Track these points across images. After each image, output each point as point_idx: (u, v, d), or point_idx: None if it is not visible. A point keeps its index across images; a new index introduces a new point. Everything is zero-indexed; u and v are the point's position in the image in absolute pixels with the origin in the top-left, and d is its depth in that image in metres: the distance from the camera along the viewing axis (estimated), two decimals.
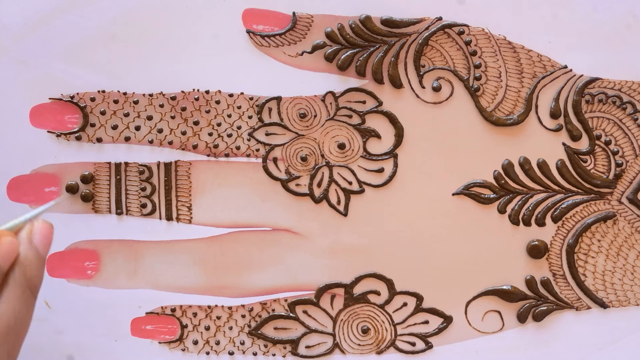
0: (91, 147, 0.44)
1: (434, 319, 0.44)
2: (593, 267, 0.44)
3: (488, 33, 0.43)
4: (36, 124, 0.43)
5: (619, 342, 0.44)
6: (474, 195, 0.43)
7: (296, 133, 0.44)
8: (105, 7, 0.43)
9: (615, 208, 0.44)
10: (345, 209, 0.44)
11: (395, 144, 0.44)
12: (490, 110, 0.43)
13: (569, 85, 0.43)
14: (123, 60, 0.43)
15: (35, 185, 0.43)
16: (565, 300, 0.44)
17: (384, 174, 0.44)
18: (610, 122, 0.44)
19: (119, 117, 0.44)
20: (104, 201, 0.44)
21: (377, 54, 0.43)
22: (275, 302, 0.44)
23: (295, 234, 0.44)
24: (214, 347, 0.44)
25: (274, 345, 0.44)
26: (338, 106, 0.43)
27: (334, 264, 0.44)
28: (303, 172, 0.44)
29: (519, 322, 0.44)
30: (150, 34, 0.43)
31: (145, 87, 0.43)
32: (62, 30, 0.43)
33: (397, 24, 0.43)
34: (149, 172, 0.44)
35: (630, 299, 0.44)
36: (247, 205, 0.44)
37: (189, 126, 0.44)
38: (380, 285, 0.44)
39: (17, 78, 0.43)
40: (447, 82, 0.43)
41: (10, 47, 0.43)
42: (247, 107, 0.44)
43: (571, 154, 0.43)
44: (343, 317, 0.44)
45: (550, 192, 0.44)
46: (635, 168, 0.44)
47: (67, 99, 0.43)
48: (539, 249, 0.43)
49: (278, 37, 0.43)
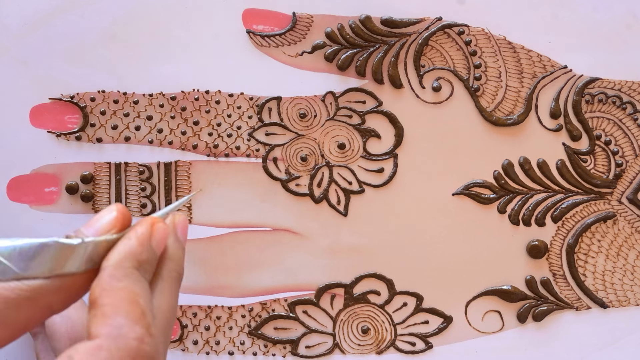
0: (91, 147, 0.44)
1: (434, 319, 0.44)
2: (593, 267, 0.44)
3: (488, 33, 0.43)
4: (36, 124, 0.43)
5: (619, 342, 0.44)
6: (474, 195, 0.43)
7: (296, 133, 0.44)
8: (105, 7, 0.43)
9: (615, 208, 0.44)
10: (345, 209, 0.44)
11: (395, 144, 0.44)
12: (490, 110, 0.43)
13: (569, 85, 0.43)
14: (123, 60, 0.43)
15: (35, 185, 0.43)
16: (565, 300, 0.44)
17: (384, 174, 0.44)
18: (610, 122, 0.44)
19: (119, 117, 0.44)
20: (104, 201, 0.44)
21: (377, 54, 0.43)
22: (275, 302, 0.44)
23: (295, 234, 0.44)
24: (214, 347, 0.44)
25: (274, 345, 0.44)
26: (338, 106, 0.43)
27: (334, 264, 0.44)
28: (303, 172, 0.44)
29: (519, 322, 0.44)
30: (150, 34, 0.43)
31: (145, 87, 0.43)
32: (62, 30, 0.43)
33: (397, 24, 0.43)
34: (149, 172, 0.44)
35: (630, 299, 0.44)
36: (247, 205, 0.44)
37: (189, 126, 0.44)
38: (380, 285, 0.44)
39: (17, 78, 0.43)
40: (447, 82, 0.43)
41: (10, 47, 0.43)
42: (247, 107, 0.44)
43: (571, 154, 0.43)
44: (343, 317, 0.44)
45: (550, 192, 0.44)
46: (635, 168, 0.44)
47: (67, 99, 0.43)
48: (539, 249, 0.43)
49: (278, 37, 0.43)
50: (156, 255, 0.33)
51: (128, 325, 0.29)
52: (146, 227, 0.32)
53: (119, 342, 0.28)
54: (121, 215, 0.32)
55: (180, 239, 0.34)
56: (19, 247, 0.29)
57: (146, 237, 0.32)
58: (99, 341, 0.28)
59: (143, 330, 0.29)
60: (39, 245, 0.30)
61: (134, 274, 0.31)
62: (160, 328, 0.31)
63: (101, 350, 0.28)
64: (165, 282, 0.33)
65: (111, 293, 0.30)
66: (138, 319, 0.29)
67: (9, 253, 0.29)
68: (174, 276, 0.33)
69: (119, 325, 0.29)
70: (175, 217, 0.35)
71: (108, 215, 0.32)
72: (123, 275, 0.30)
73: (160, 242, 0.33)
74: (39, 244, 0.30)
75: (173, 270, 0.33)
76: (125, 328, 0.29)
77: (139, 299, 0.30)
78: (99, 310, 0.29)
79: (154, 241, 0.32)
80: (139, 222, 0.33)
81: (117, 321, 0.29)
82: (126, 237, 0.32)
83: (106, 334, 0.29)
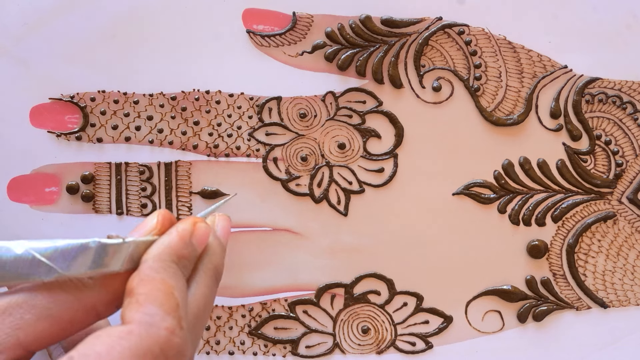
0: (91, 147, 0.44)
1: (434, 319, 0.44)
2: (593, 267, 0.44)
3: (488, 33, 0.43)
4: (36, 124, 0.43)
5: (619, 342, 0.44)
6: (474, 195, 0.44)
7: (296, 133, 0.44)
8: (105, 7, 0.43)
9: (616, 208, 0.44)
10: (346, 209, 0.44)
11: (395, 144, 0.44)
12: (491, 110, 0.43)
13: (569, 85, 0.43)
14: (123, 60, 0.43)
15: (35, 185, 0.43)
16: (565, 300, 0.44)
17: (384, 174, 0.44)
18: (610, 122, 0.44)
19: (119, 117, 0.44)
20: (104, 201, 0.44)
21: (377, 54, 0.43)
22: (276, 302, 0.44)
23: (295, 234, 0.44)
24: (214, 347, 0.44)
25: (274, 345, 0.44)
26: (338, 106, 0.43)
27: (334, 264, 0.44)
28: (303, 172, 0.44)
29: (519, 322, 0.44)
30: (150, 34, 0.43)
31: (145, 87, 0.43)
32: (62, 30, 0.43)
33: (397, 24, 0.43)
34: (149, 172, 0.44)
35: (630, 299, 0.44)
36: (247, 205, 0.44)
37: (189, 126, 0.44)
38: (380, 285, 0.44)
39: (17, 78, 0.43)
40: (447, 82, 0.43)
41: (10, 47, 0.43)
42: (247, 107, 0.44)
43: (571, 154, 0.44)
44: (343, 317, 0.44)
45: (551, 192, 0.44)
46: (635, 168, 0.44)
47: (67, 99, 0.43)
48: (539, 248, 0.43)
49: (278, 37, 0.43)
50: (196, 253, 0.33)
51: (160, 315, 0.29)
52: (189, 224, 0.33)
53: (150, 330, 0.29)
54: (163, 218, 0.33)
55: (219, 236, 0.35)
56: (61, 247, 0.30)
57: (187, 234, 0.33)
58: (130, 326, 0.29)
59: (175, 322, 0.30)
60: (80, 246, 0.30)
61: (172, 267, 0.31)
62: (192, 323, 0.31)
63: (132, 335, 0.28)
64: (203, 279, 0.33)
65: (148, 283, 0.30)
66: (171, 310, 0.30)
67: (51, 254, 0.30)
68: (211, 274, 0.34)
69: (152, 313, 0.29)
70: (216, 218, 0.36)
71: (152, 219, 0.33)
72: (161, 268, 0.31)
73: (201, 240, 0.33)
74: (80, 244, 0.30)
75: (212, 268, 0.34)
76: (157, 317, 0.29)
77: (174, 291, 0.30)
78: (134, 298, 0.30)
79: (194, 238, 0.33)
80: (181, 220, 0.34)
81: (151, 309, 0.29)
82: (167, 233, 0.33)
83: (138, 320, 0.29)
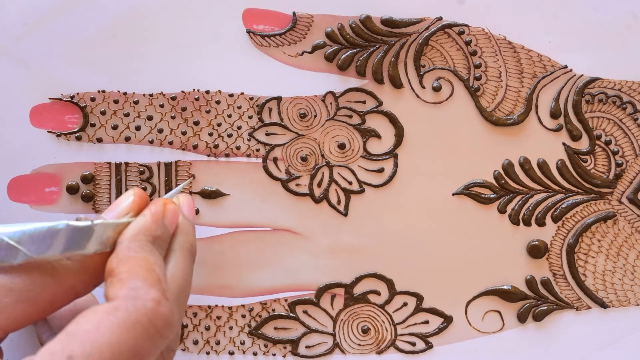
0: (91, 147, 0.44)
1: (434, 319, 0.44)
2: (593, 267, 0.44)
3: (488, 33, 0.43)
4: (36, 124, 0.43)
5: (619, 342, 0.44)
6: (474, 195, 0.44)
7: (296, 133, 0.44)
8: (105, 7, 0.43)
9: (616, 208, 0.44)
10: (346, 209, 0.44)
11: (395, 144, 0.44)
12: (490, 110, 0.43)
13: (569, 85, 0.43)
14: (123, 60, 0.43)
15: (35, 185, 0.43)
16: (565, 300, 0.44)
17: (384, 174, 0.44)
18: (610, 122, 0.44)
19: (119, 117, 0.44)
20: (104, 201, 0.44)
21: (377, 54, 0.43)
22: (276, 302, 0.44)
23: (295, 234, 0.44)
24: (214, 347, 0.44)
25: (274, 345, 0.44)
26: (338, 106, 0.43)
27: (334, 264, 0.44)
28: (303, 172, 0.44)
29: (519, 322, 0.44)
30: (150, 34, 0.43)
31: (145, 87, 0.43)
32: (62, 30, 0.43)
33: (397, 24, 0.43)
34: (149, 172, 0.44)
35: (630, 299, 0.44)
36: (247, 205, 0.44)
37: (189, 126, 0.44)
38: (380, 285, 0.44)
39: (17, 78, 0.43)
40: (447, 82, 0.43)
41: (10, 47, 0.43)
42: (247, 107, 0.44)
43: (571, 154, 0.44)
44: (343, 317, 0.44)
45: (551, 192, 0.44)
46: (635, 168, 0.44)
47: (67, 99, 0.43)
48: (539, 248, 0.43)
49: (278, 37, 0.43)
50: (169, 233, 0.35)
51: (144, 287, 0.30)
52: (159, 206, 0.35)
53: (136, 303, 0.29)
54: (138, 198, 0.35)
55: (188, 218, 0.37)
56: (29, 231, 0.31)
57: (160, 215, 0.34)
58: (116, 302, 0.29)
59: (160, 293, 0.30)
60: (48, 229, 0.31)
61: (148, 246, 0.33)
62: (175, 295, 0.32)
63: (118, 310, 0.29)
64: (178, 253, 0.34)
65: (127, 261, 0.31)
66: (155, 282, 0.31)
67: (19, 237, 0.30)
68: (186, 247, 0.35)
69: (136, 287, 0.30)
70: (181, 198, 0.38)
71: (126, 200, 0.35)
72: (139, 247, 0.32)
73: (172, 221, 0.35)
74: (48, 228, 0.31)
75: (185, 241, 0.35)
76: (142, 290, 0.30)
77: (155, 267, 0.31)
78: (115, 277, 0.31)
79: (166, 219, 0.35)
80: (152, 202, 0.35)
81: (134, 284, 0.30)
82: (142, 214, 0.34)
83: (123, 295, 0.30)
